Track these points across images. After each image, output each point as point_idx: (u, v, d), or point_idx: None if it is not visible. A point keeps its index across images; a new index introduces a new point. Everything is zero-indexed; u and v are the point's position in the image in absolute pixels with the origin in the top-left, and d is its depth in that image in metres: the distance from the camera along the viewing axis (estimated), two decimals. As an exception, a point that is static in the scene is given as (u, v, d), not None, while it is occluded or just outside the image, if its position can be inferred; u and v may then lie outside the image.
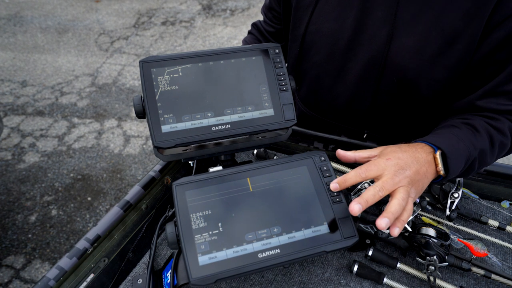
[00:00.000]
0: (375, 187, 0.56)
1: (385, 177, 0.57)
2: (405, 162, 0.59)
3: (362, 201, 0.55)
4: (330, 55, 0.83)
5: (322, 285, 0.68)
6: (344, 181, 0.59)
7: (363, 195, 0.56)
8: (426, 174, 0.61)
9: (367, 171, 0.58)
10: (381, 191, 0.56)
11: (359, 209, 0.54)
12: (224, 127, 0.63)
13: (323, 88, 0.91)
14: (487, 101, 0.71)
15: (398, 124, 0.89)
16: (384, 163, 0.59)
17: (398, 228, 0.56)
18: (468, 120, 0.71)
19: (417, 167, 0.60)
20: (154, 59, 0.63)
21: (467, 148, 0.65)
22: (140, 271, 0.72)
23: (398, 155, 0.60)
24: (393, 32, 0.74)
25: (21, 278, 1.87)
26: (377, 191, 0.56)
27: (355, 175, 0.58)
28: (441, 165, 0.62)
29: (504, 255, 0.73)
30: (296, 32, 0.87)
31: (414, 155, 0.61)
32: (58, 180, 2.39)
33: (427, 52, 0.72)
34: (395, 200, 0.56)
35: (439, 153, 0.62)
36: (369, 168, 0.58)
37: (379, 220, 0.54)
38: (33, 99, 3.06)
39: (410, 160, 0.60)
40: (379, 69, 0.78)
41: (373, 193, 0.56)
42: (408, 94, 0.80)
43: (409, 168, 0.59)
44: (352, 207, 0.55)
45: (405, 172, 0.58)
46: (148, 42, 3.80)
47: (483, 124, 0.69)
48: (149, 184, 0.82)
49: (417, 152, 0.62)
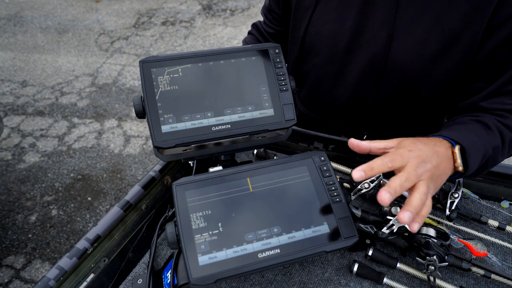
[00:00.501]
0: (401, 177, 0.53)
1: (408, 168, 0.54)
2: (427, 155, 0.56)
3: (391, 191, 0.52)
4: (330, 57, 0.83)
5: (322, 285, 0.68)
6: (371, 169, 0.54)
7: (390, 184, 0.52)
8: (445, 170, 0.59)
9: (393, 161, 0.55)
10: (406, 182, 0.53)
11: (389, 198, 0.51)
12: (224, 127, 0.63)
13: (323, 90, 0.91)
14: (490, 102, 0.70)
15: (398, 125, 0.89)
16: (408, 154, 0.56)
17: (418, 224, 0.53)
18: (479, 118, 0.69)
19: (438, 161, 0.57)
20: (154, 59, 0.63)
21: (484, 145, 0.63)
22: (140, 271, 0.73)
23: (419, 147, 0.57)
24: (392, 34, 0.74)
25: (21, 278, 1.87)
26: (403, 182, 0.53)
27: (381, 164, 0.54)
28: (460, 160, 0.60)
29: (504, 255, 0.73)
30: (295, 34, 0.87)
31: (434, 148, 0.59)
32: (58, 180, 2.39)
33: (427, 54, 0.72)
34: (416, 194, 0.53)
35: (458, 148, 0.60)
36: (395, 158, 0.55)
37: (402, 214, 0.51)
38: (33, 99, 3.07)
39: (431, 153, 0.57)
40: (379, 70, 0.78)
41: (400, 183, 0.53)
42: (408, 96, 0.80)
43: (430, 161, 0.56)
44: (382, 196, 0.51)
45: (426, 165, 0.55)
46: (148, 42, 3.79)
47: (494, 121, 0.68)
48: (149, 184, 0.82)
49: (437, 146, 0.60)
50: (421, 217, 0.54)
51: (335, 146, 0.92)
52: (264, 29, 0.99)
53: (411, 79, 0.76)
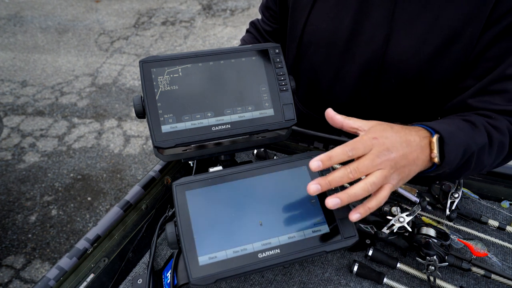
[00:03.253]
0: (346, 168, 0.51)
1: (365, 158, 0.52)
2: (392, 143, 0.53)
3: (322, 182, 0.51)
4: (328, 56, 0.83)
5: (322, 285, 0.68)
6: (329, 158, 0.52)
7: (331, 174, 0.51)
8: (415, 161, 0.56)
9: (353, 149, 0.52)
10: (352, 173, 0.50)
11: (317, 189, 0.51)
12: (224, 127, 0.63)
13: (322, 88, 0.91)
14: (479, 100, 0.69)
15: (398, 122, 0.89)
16: (370, 142, 0.53)
17: (358, 214, 0.52)
18: (466, 117, 0.67)
19: (406, 151, 0.54)
20: (154, 59, 0.63)
21: (466, 139, 0.60)
22: (140, 271, 0.73)
23: (387, 135, 0.54)
24: (390, 33, 0.74)
25: (21, 278, 1.87)
26: (348, 173, 0.50)
27: (341, 152, 0.52)
28: (436, 150, 0.57)
29: (504, 255, 0.73)
30: (293, 33, 0.87)
31: (406, 137, 0.55)
32: (58, 180, 2.39)
33: (425, 53, 0.72)
34: (361, 183, 0.50)
35: (436, 137, 0.57)
36: (356, 146, 0.52)
37: (328, 199, 0.50)
38: (33, 99, 3.06)
39: (399, 142, 0.54)
40: (378, 70, 0.78)
41: (341, 175, 0.50)
42: (407, 95, 0.80)
43: (396, 150, 0.53)
44: (309, 186, 0.51)
45: (390, 154, 0.52)
46: (148, 42, 3.79)
47: (482, 121, 0.66)
48: (149, 184, 0.82)
49: (410, 134, 0.56)
50: (366, 208, 0.52)
51: (335, 146, 0.92)
52: (262, 27, 0.99)
53: (410, 79, 0.76)
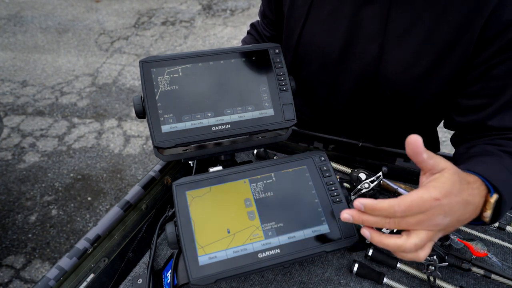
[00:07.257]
0: (386, 219, 0.46)
1: (413, 216, 0.46)
2: (451, 207, 0.47)
3: (356, 217, 0.48)
4: (323, 67, 0.83)
5: (322, 285, 0.68)
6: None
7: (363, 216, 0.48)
8: (465, 220, 0.51)
9: (406, 211, 0.45)
10: (389, 224, 0.47)
11: (369, 236, 0.49)
12: (224, 127, 0.63)
13: (317, 98, 0.91)
14: (499, 119, 0.67)
15: (393, 134, 0.89)
16: (430, 204, 0.45)
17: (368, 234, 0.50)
18: (504, 148, 0.63)
19: (461, 214, 0.49)
20: (154, 59, 0.63)
21: None
22: (140, 271, 0.72)
23: (450, 196, 0.46)
24: (383, 46, 0.73)
25: (21, 278, 1.87)
26: (385, 223, 0.47)
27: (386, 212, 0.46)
28: (490, 212, 0.52)
29: (504, 255, 0.73)
30: (289, 43, 0.87)
31: (466, 198, 0.49)
32: (58, 180, 2.39)
33: (420, 66, 0.72)
34: (400, 240, 0.47)
35: (495, 198, 0.52)
36: (410, 210, 0.45)
37: (363, 229, 0.49)
38: (33, 99, 3.06)
39: (458, 204, 0.48)
40: (372, 81, 0.78)
41: (377, 222, 0.47)
42: (402, 107, 0.80)
43: (452, 215, 0.47)
44: (362, 231, 0.49)
45: (444, 220, 0.47)
46: (148, 42, 3.79)
47: None
48: (149, 184, 0.82)
49: (472, 194, 0.50)
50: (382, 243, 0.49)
51: (335, 146, 0.92)
52: (261, 31, 1.00)
53: (404, 91, 0.76)
